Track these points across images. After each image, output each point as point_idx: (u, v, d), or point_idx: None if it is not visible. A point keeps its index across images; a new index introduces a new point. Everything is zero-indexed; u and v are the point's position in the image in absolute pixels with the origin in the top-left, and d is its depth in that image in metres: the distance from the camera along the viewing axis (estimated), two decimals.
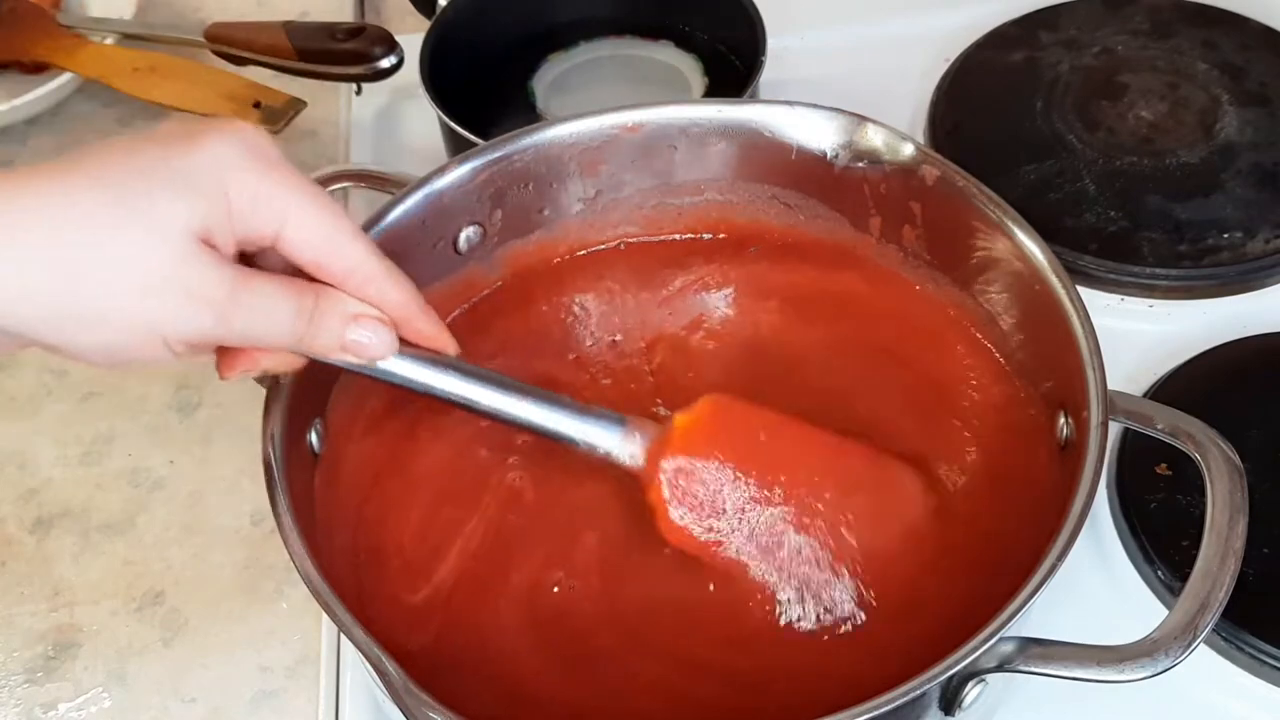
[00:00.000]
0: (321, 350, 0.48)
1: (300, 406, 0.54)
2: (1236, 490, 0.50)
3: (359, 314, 0.48)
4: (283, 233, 0.46)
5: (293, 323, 0.46)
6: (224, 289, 0.44)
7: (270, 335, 0.46)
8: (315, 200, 0.46)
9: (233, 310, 0.44)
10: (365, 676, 0.59)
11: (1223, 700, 0.58)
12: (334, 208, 0.47)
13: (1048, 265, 0.55)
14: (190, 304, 0.43)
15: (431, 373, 0.50)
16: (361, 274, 0.48)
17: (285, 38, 0.80)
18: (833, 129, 0.61)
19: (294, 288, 0.46)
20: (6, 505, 0.68)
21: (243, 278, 0.44)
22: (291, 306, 0.46)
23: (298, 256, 0.46)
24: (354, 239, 0.47)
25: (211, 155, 0.44)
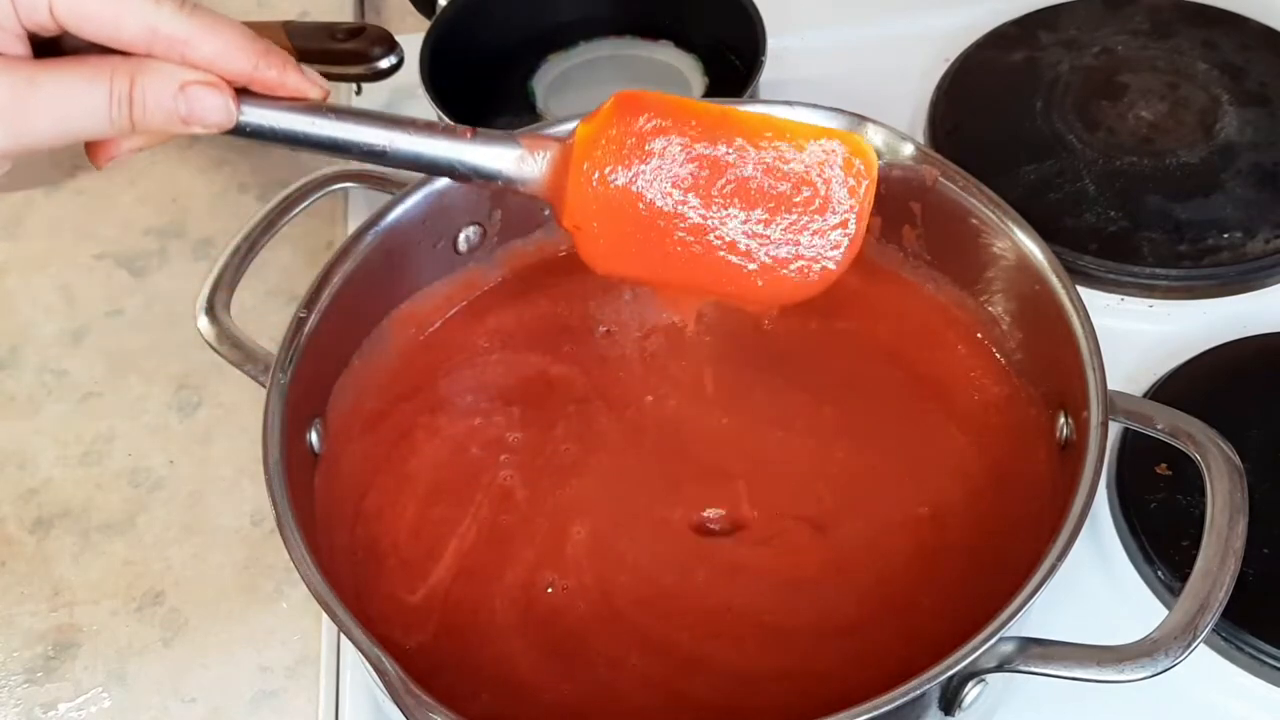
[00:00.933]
0: (158, 127, 0.43)
1: (300, 406, 0.54)
2: (1236, 490, 0.50)
3: (184, 81, 0.43)
4: (54, 11, 0.41)
5: (109, 110, 0.42)
6: (7, 97, 0.40)
7: (89, 128, 0.42)
8: None
9: (29, 117, 0.40)
10: (365, 676, 0.59)
11: (1223, 700, 0.58)
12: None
13: (1048, 265, 0.55)
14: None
15: (292, 118, 0.45)
16: (165, 37, 0.42)
17: (285, 37, 0.80)
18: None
19: (102, 69, 0.42)
20: (6, 505, 0.68)
21: (28, 78, 0.40)
22: (100, 92, 0.42)
23: (83, 33, 0.42)
24: (144, 5, 0.42)
25: None
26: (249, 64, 0.44)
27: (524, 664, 0.53)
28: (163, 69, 0.43)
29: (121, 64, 0.42)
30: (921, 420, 0.59)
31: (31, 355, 0.75)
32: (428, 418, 0.60)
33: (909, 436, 0.59)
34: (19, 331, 0.76)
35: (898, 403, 0.60)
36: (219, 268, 0.60)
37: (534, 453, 0.59)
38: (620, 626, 0.54)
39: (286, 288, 0.75)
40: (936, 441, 0.58)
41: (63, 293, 0.78)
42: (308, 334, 0.55)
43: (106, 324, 0.76)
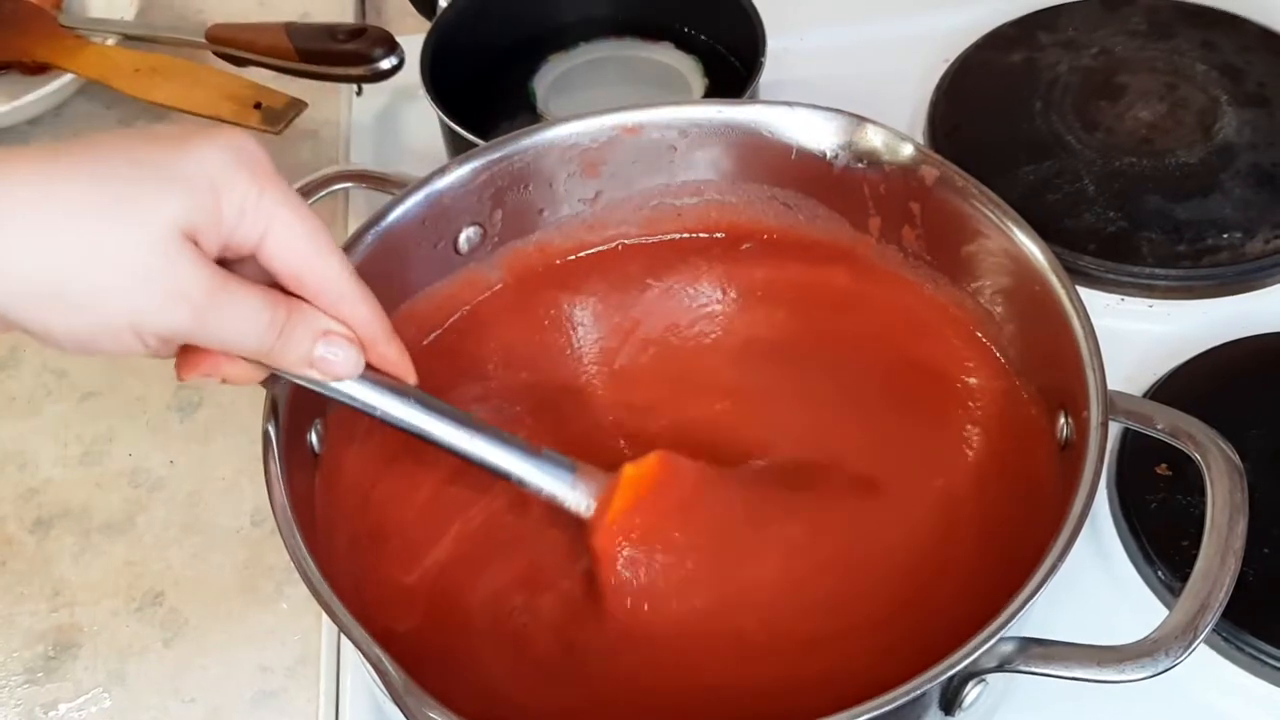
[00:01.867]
0: (289, 364, 0.48)
1: (300, 406, 0.54)
2: (1236, 490, 0.50)
3: (330, 330, 0.48)
4: (265, 242, 0.46)
5: (264, 332, 0.46)
6: (204, 289, 0.44)
7: (242, 342, 0.46)
8: (300, 213, 0.46)
9: (209, 312, 0.44)
10: (365, 676, 0.59)
11: (1223, 700, 0.58)
12: (317, 223, 0.47)
13: (1047, 265, 0.55)
14: (169, 300, 0.43)
15: (390, 400, 0.50)
16: (336, 291, 0.48)
17: (286, 39, 0.80)
18: (832, 130, 0.61)
19: (271, 297, 0.46)
20: (6, 505, 0.68)
21: (222, 280, 0.44)
22: (266, 316, 0.46)
23: (277, 267, 0.46)
24: (333, 256, 0.47)
25: (205, 157, 0.44)
26: (377, 335, 0.49)
27: (496, 665, 0.53)
28: (315, 313, 0.48)
29: (284, 297, 0.47)
30: (921, 420, 0.59)
31: (31, 355, 0.75)
32: None
33: (908, 436, 0.59)
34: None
35: (897, 402, 0.60)
36: None
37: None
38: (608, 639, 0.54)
39: None
40: (936, 441, 0.58)
41: None
42: None
43: None
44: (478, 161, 0.61)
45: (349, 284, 0.48)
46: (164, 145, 0.44)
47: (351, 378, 0.49)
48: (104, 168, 0.43)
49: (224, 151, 0.45)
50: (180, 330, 0.44)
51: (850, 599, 0.54)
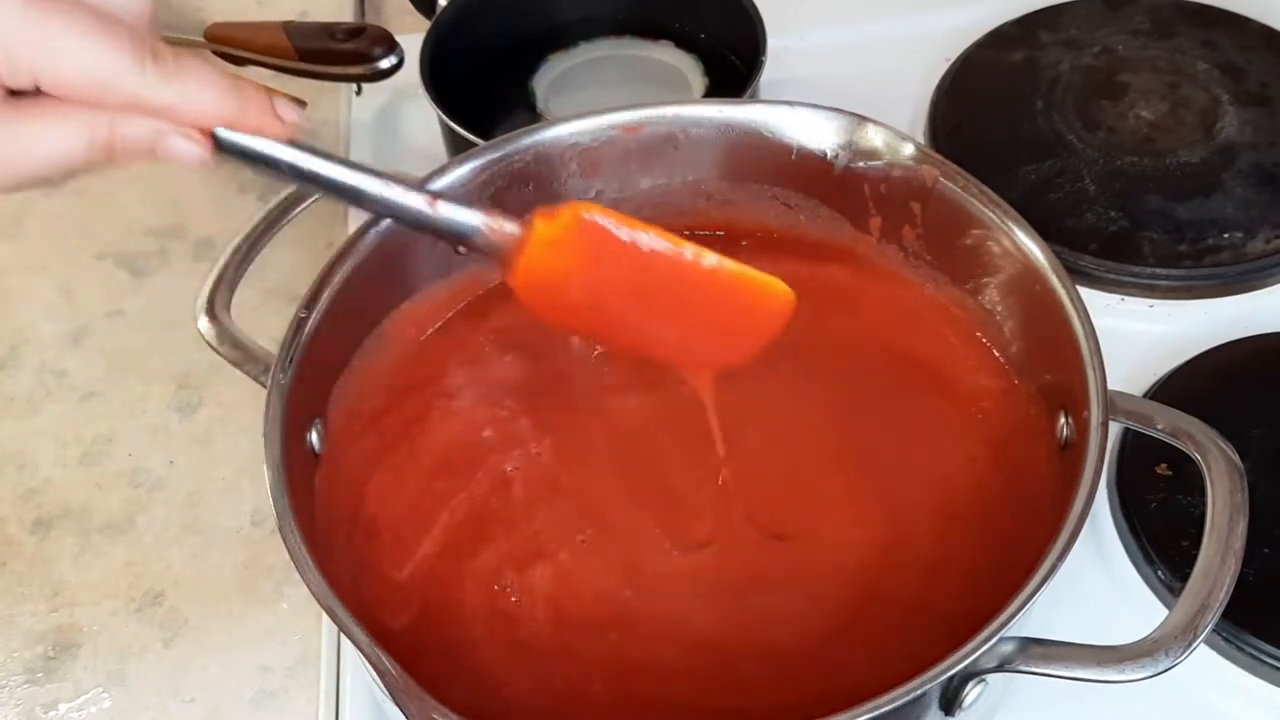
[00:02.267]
0: (133, 161, 0.44)
1: (300, 406, 0.54)
2: (1237, 490, 0.50)
3: (159, 130, 0.44)
4: (38, 81, 0.42)
5: (85, 152, 0.43)
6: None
7: (63, 166, 0.43)
8: (77, 39, 0.42)
9: (6, 156, 0.42)
10: (365, 676, 0.59)
11: (1223, 700, 0.58)
12: (100, 40, 0.42)
13: (1048, 265, 0.55)
14: None
15: (279, 152, 0.48)
16: (147, 105, 0.43)
17: (285, 38, 0.80)
18: (833, 129, 0.61)
19: (81, 118, 0.43)
20: (6, 506, 0.68)
21: (8, 123, 0.41)
22: (82, 139, 0.43)
23: (67, 99, 0.42)
24: (124, 73, 0.43)
25: None
26: (229, 117, 0.46)
27: (490, 655, 0.53)
28: (139, 119, 0.44)
29: (102, 115, 0.43)
30: (921, 420, 0.59)
31: (31, 355, 0.75)
32: (428, 417, 0.60)
33: (908, 436, 0.59)
34: (19, 331, 0.76)
35: (897, 402, 0.60)
36: (219, 268, 0.60)
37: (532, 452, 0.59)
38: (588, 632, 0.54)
39: (286, 288, 0.75)
40: (936, 441, 0.58)
41: (63, 293, 0.78)
42: (308, 334, 0.55)
43: (106, 324, 0.76)
44: (477, 161, 0.61)
45: (166, 91, 0.44)
46: None
47: (206, 163, 0.46)
48: None
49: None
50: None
51: (849, 598, 0.54)
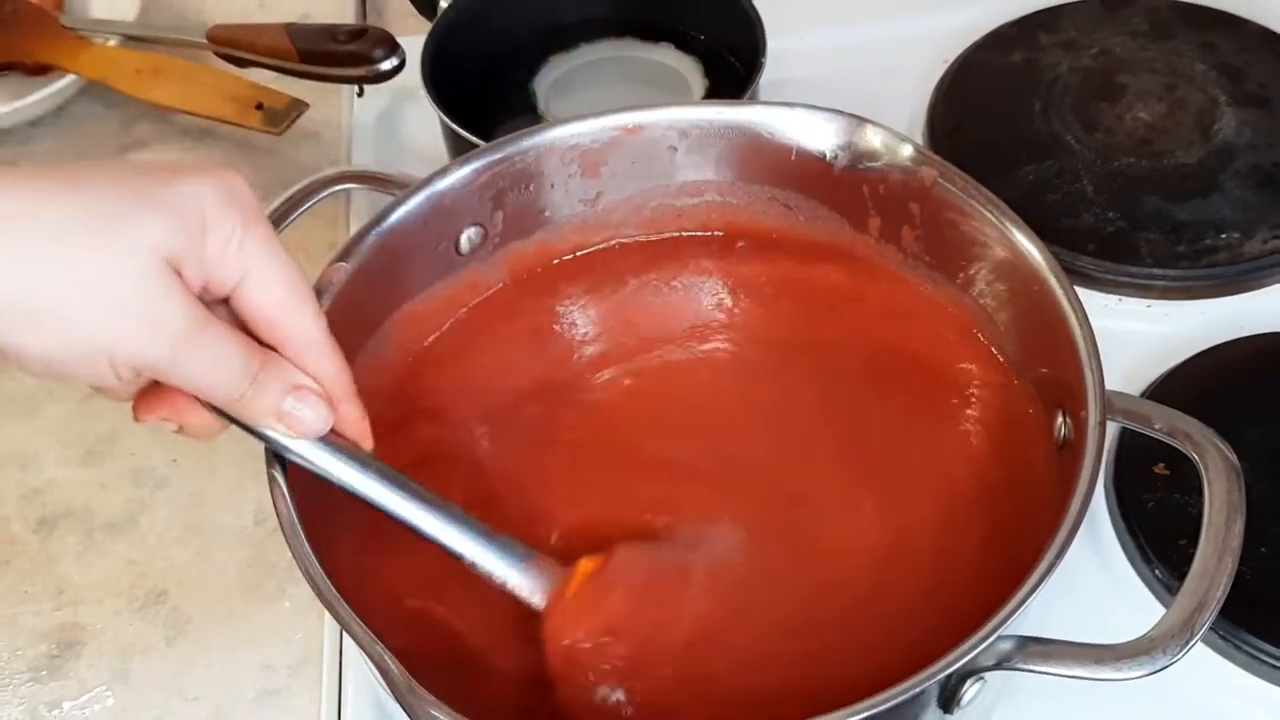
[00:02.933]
0: (256, 415, 0.46)
1: None
2: (1234, 490, 0.50)
3: (301, 385, 0.46)
4: (244, 285, 0.45)
5: (238, 378, 0.45)
6: (185, 324, 0.42)
7: (214, 386, 0.45)
8: (282, 260, 0.45)
9: (188, 349, 0.43)
10: (368, 675, 0.59)
11: (1220, 699, 0.58)
12: (298, 272, 0.46)
13: (1046, 266, 0.56)
14: (150, 330, 0.42)
15: (348, 467, 0.49)
16: (307, 340, 0.46)
17: (287, 39, 0.80)
18: (832, 130, 0.61)
19: (249, 344, 0.45)
20: (10, 505, 0.68)
21: (204, 318, 0.43)
22: (242, 362, 0.45)
23: (252, 313, 0.45)
24: (308, 305, 0.47)
25: (197, 190, 0.43)
26: (345, 394, 0.48)
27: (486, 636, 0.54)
28: (288, 366, 0.46)
29: (259, 347, 0.46)
30: (919, 419, 0.59)
31: None
32: (428, 418, 0.60)
33: (906, 436, 0.59)
34: None
35: (895, 402, 0.60)
36: None
37: (532, 452, 0.59)
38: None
39: None
40: (934, 440, 0.58)
41: None
42: None
43: None
44: (479, 162, 0.61)
45: (321, 335, 0.47)
46: (154, 174, 0.43)
47: (317, 436, 0.48)
48: (93, 191, 0.42)
49: (216, 187, 0.44)
50: (156, 364, 0.43)
51: (848, 598, 0.54)
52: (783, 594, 0.55)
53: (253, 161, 0.84)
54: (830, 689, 0.48)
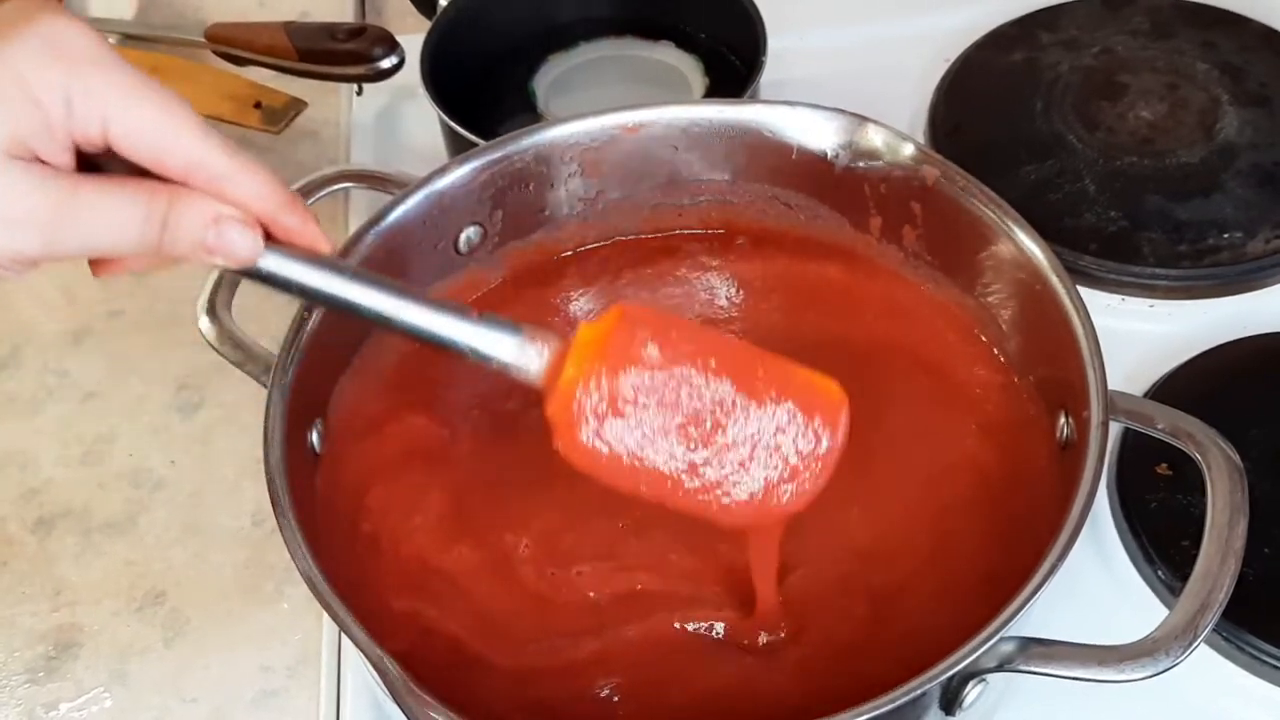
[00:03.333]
0: (182, 253, 0.44)
1: (300, 406, 0.54)
2: (1237, 490, 0.50)
3: (219, 215, 0.44)
4: (109, 131, 0.42)
5: (141, 229, 0.43)
6: (48, 206, 0.41)
7: (118, 244, 0.43)
8: (139, 92, 0.42)
9: (64, 227, 0.41)
10: (366, 676, 0.59)
11: (1223, 700, 0.58)
12: (164, 99, 0.43)
13: (1048, 265, 0.55)
14: (9, 228, 0.40)
15: (309, 271, 0.46)
16: (206, 170, 0.44)
17: (286, 38, 0.80)
18: (833, 129, 0.61)
19: (141, 191, 0.43)
20: (8, 505, 0.68)
21: (71, 190, 0.41)
22: (139, 213, 0.43)
23: (131, 154, 0.43)
24: (194, 131, 0.43)
25: (11, 60, 0.40)
26: (275, 207, 0.45)
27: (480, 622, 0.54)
28: (199, 198, 0.44)
29: (161, 188, 0.43)
30: (921, 419, 0.59)
31: (32, 355, 0.75)
32: (421, 409, 0.60)
33: (909, 436, 0.59)
34: (20, 331, 0.76)
35: (898, 402, 0.60)
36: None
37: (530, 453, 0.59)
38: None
39: None
40: (937, 441, 0.58)
41: (63, 293, 0.78)
42: (308, 334, 0.55)
43: (107, 324, 0.76)
44: (478, 161, 0.61)
45: (223, 160, 0.44)
46: None
47: (254, 259, 0.45)
48: None
49: (29, 47, 0.41)
50: (36, 254, 0.41)
51: (849, 597, 0.54)
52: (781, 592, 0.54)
53: None
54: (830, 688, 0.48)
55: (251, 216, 0.45)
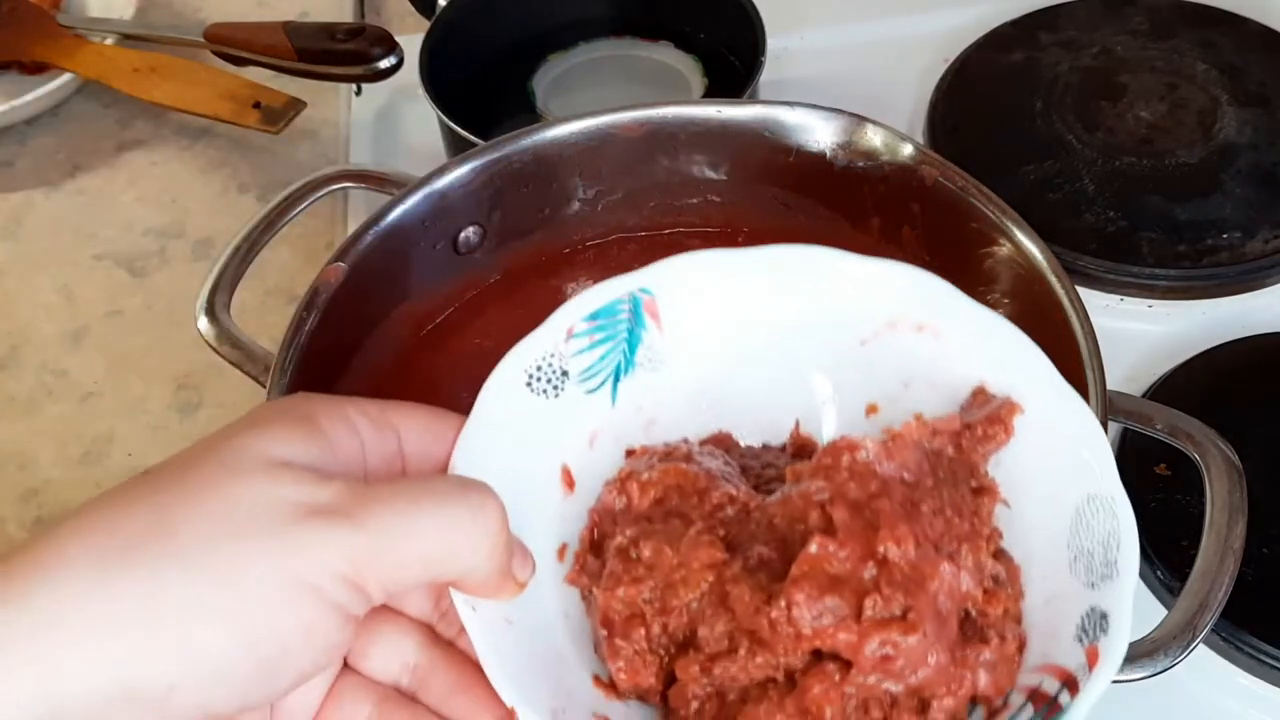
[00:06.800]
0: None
1: None
2: (1235, 490, 0.50)
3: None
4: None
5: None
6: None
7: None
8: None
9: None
10: None
11: (1222, 700, 0.58)
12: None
13: (1047, 265, 0.55)
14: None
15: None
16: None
17: (285, 38, 0.80)
18: (832, 129, 0.61)
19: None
20: (6, 505, 0.68)
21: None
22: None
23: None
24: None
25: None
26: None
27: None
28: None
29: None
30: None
31: (31, 355, 0.75)
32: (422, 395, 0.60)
33: None
34: (19, 331, 0.76)
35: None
36: (219, 268, 0.60)
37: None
38: None
39: (286, 288, 0.75)
40: None
41: (63, 293, 0.78)
42: (307, 334, 0.55)
43: (106, 324, 0.76)
44: (477, 161, 0.61)
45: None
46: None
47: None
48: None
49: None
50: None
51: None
52: None
53: (250, 160, 0.84)
54: None
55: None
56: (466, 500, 0.37)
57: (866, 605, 0.38)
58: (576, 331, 0.45)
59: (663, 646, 0.41)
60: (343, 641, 0.36)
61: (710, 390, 0.47)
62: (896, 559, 0.38)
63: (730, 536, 0.42)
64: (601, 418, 0.46)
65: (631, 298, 0.46)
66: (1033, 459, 0.43)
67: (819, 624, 0.38)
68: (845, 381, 0.47)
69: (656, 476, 0.44)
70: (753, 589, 0.39)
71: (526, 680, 0.39)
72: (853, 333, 0.46)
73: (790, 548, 0.40)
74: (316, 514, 0.35)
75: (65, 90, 0.86)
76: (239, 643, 0.34)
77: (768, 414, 0.47)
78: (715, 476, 0.44)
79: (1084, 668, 0.39)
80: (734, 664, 0.39)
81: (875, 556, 0.39)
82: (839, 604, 0.38)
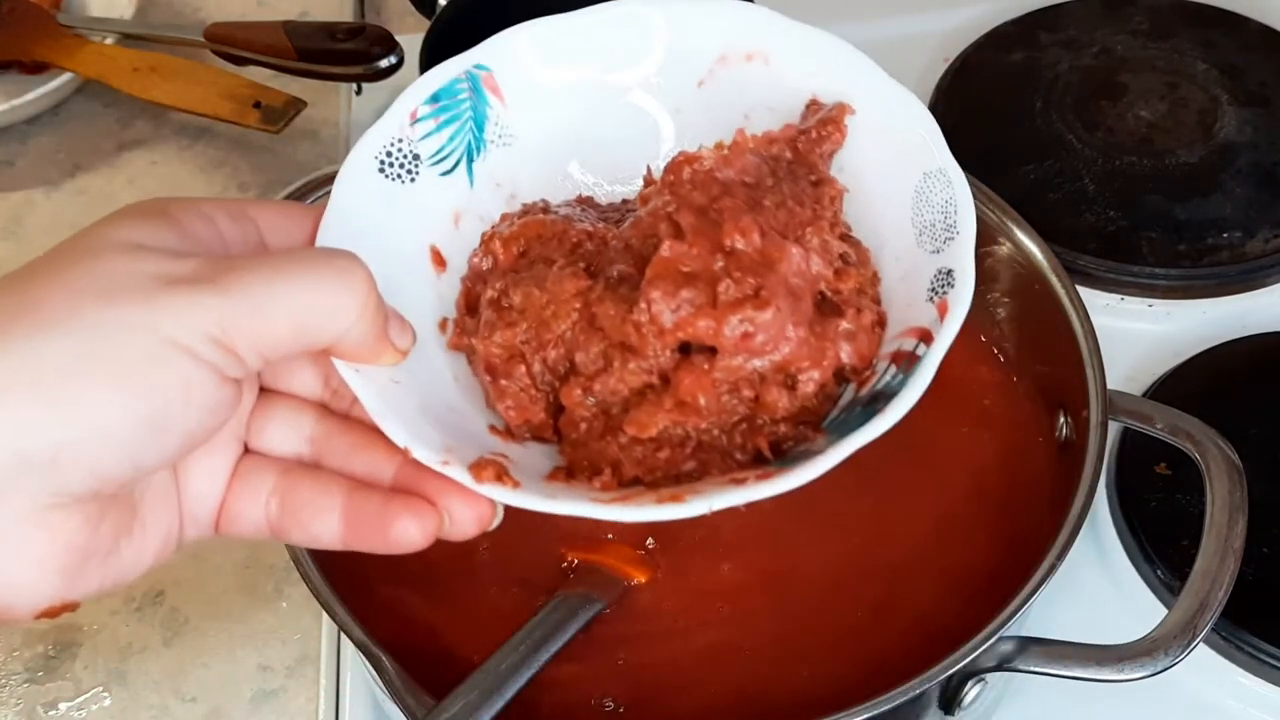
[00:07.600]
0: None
1: None
2: (1236, 489, 0.50)
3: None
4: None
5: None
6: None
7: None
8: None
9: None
10: (365, 675, 0.59)
11: (1222, 700, 0.58)
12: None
13: (1047, 265, 0.55)
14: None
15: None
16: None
17: (285, 37, 0.80)
18: None
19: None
20: None
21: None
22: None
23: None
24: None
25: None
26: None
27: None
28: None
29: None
30: (921, 420, 0.59)
31: None
32: None
33: (908, 436, 0.58)
34: None
35: None
36: None
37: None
38: None
39: None
40: (936, 441, 0.58)
41: None
42: None
43: None
44: None
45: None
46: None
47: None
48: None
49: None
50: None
51: (849, 597, 0.54)
52: (781, 595, 0.54)
53: (250, 160, 0.84)
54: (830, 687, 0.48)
55: None
56: (331, 264, 0.38)
57: (720, 290, 0.39)
58: (420, 115, 0.46)
59: (546, 382, 0.43)
60: (223, 401, 0.37)
61: (563, 156, 0.48)
62: (744, 248, 0.40)
63: (591, 266, 0.44)
64: (462, 198, 0.46)
65: (469, 75, 0.47)
66: (870, 153, 0.45)
67: (679, 315, 0.39)
68: (689, 124, 0.48)
69: (517, 230, 0.45)
70: (616, 302, 0.41)
71: (417, 425, 0.40)
72: (689, 76, 0.48)
73: (646, 262, 0.41)
74: (180, 282, 0.35)
75: (66, 90, 0.86)
76: (118, 399, 0.34)
77: (623, 171, 0.49)
78: (572, 220, 0.46)
79: (936, 321, 0.41)
80: (612, 377, 0.41)
81: (724, 249, 0.40)
82: (694, 294, 0.39)
